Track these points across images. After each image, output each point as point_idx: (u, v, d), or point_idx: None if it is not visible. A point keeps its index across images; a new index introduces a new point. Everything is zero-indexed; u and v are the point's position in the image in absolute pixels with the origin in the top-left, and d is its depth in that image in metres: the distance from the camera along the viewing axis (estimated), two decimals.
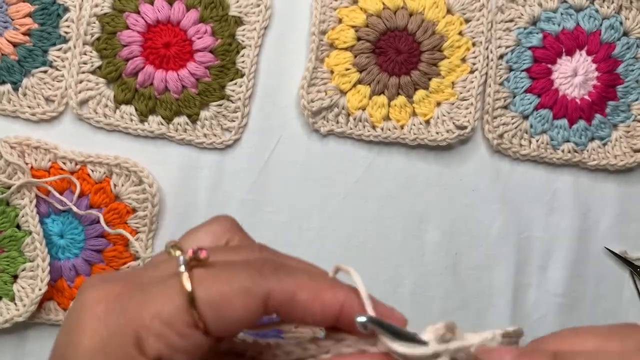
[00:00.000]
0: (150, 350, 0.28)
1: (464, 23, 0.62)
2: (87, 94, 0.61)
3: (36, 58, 0.61)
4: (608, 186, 0.63)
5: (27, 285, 0.59)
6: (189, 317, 0.29)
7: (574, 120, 0.62)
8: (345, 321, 0.30)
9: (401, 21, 0.62)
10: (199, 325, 0.29)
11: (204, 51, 0.61)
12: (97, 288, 0.30)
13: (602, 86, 0.62)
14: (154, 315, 0.28)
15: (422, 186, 0.62)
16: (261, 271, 0.30)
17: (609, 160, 0.62)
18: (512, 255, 0.62)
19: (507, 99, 0.62)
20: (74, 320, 0.29)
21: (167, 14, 0.61)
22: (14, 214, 0.59)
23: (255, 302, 0.29)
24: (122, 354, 0.28)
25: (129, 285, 0.30)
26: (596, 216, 0.63)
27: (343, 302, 0.30)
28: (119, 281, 0.30)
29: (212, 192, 0.61)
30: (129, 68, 0.61)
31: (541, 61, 0.62)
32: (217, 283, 0.29)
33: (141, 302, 0.29)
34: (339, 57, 0.62)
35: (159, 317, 0.28)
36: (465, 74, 0.62)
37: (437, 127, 0.61)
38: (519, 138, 0.62)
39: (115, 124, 0.61)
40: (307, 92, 0.61)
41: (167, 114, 0.61)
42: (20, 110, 0.61)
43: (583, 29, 0.62)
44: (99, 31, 0.61)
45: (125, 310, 0.29)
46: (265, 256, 0.32)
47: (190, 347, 0.29)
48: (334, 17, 0.62)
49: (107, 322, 0.29)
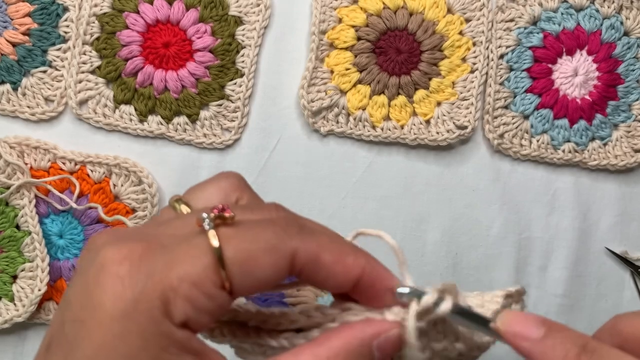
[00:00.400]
0: (178, 313, 0.27)
1: (464, 23, 0.62)
2: (86, 93, 0.61)
3: (35, 58, 0.61)
4: (608, 186, 0.63)
5: (27, 285, 0.59)
6: (217, 277, 0.28)
7: (574, 120, 0.62)
8: (364, 286, 0.30)
9: (401, 21, 0.62)
10: (225, 285, 0.28)
11: (204, 51, 0.61)
12: (117, 246, 0.28)
13: (603, 86, 0.62)
14: (181, 276, 0.27)
15: (422, 186, 0.62)
16: (286, 230, 0.29)
17: (610, 160, 0.62)
18: (512, 255, 0.62)
19: (508, 98, 0.62)
20: (92, 279, 0.28)
21: (167, 14, 0.61)
22: (13, 214, 0.59)
23: (283, 260, 0.28)
24: (148, 318, 0.27)
25: (151, 245, 0.28)
26: (596, 216, 0.63)
27: (364, 266, 0.30)
28: (139, 240, 0.29)
29: None
30: (129, 68, 0.60)
31: (542, 61, 0.62)
32: (245, 242, 0.28)
33: (167, 262, 0.28)
34: (339, 57, 0.61)
35: (188, 278, 0.27)
36: (466, 74, 0.62)
37: (438, 127, 0.61)
38: (520, 138, 0.62)
39: (115, 124, 0.61)
40: (307, 92, 0.61)
41: (166, 113, 0.61)
42: (20, 110, 0.61)
43: (583, 28, 0.62)
44: (98, 31, 0.61)
45: (151, 272, 0.27)
46: (286, 215, 0.31)
47: (215, 308, 0.28)
48: (334, 17, 0.62)
49: (132, 284, 0.27)
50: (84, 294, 0.28)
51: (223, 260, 0.28)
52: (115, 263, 0.28)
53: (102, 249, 0.28)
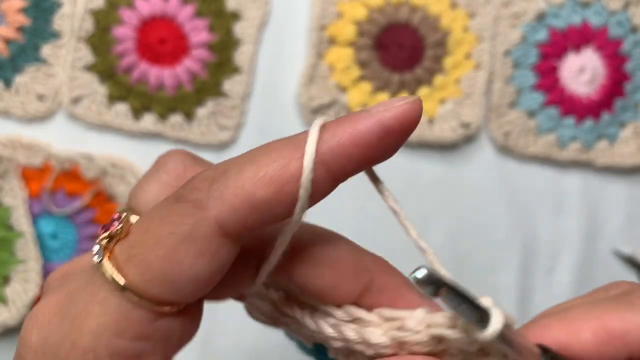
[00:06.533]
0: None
1: (468, 18, 0.62)
2: (80, 91, 0.60)
3: (28, 54, 0.60)
4: (616, 186, 0.62)
5: (20, 288, 0.59)
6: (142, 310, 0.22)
7: (581, 118, 0.61)
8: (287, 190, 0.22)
9: (404, 16, 0.61)
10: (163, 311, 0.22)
11: (201, 47, 0.61)
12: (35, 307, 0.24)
13: (610, 83, 0.62)
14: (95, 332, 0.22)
15: (426, 186, 0.62)
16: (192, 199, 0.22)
17: (617, 159, 0.62)
18: (518, 257, 0.61)
19: (513, 96, 0.61)
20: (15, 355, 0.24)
21: (163, 9, 0.61)
22: (6, 215, 0.59)
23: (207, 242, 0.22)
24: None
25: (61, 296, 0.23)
26: (604, 217, 0.62)
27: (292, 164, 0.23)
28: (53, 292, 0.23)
29: None
30: (123, 64, 0.60)
31: (547, 57, 0.62)
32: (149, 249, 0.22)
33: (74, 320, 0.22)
34: (340, 53, 0.61)
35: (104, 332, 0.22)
36: (470, 71, 0.61)
37: (441, 125, 0.61)
38: (525, 136, 0.61)
39: (109, 122, 0.60)
40: (307, 88, 0.60)
41: (162, 111, 0.60)
42: (12, 108, 0.60)
43: (590, 24, 0.62)
44: (92, 27, 0.60)
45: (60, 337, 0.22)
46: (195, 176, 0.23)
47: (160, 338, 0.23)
48: (334, 12, 0.61)
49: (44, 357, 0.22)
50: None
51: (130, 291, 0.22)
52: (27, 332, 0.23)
53: None
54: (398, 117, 0.22)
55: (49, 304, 0.23)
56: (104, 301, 0.22)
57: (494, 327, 0.22)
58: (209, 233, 0.22)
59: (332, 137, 0.22)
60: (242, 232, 0.22)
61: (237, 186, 0.22)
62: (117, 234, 0.23)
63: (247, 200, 0.22)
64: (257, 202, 0.22)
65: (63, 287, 0.24)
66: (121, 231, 0.23)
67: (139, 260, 0.22)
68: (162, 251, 0.22)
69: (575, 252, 0.62)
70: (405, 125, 0.23)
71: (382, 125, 0.22)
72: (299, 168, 0.22)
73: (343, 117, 0.23)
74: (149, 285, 0.22)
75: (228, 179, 0.22)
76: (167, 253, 0.22)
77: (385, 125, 0.22)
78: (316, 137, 0.22)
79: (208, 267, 0.22)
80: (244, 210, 0.22)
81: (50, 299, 0.23)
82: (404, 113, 0.22)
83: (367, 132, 0.22)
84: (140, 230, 0.23)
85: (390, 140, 0.23)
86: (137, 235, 0.23)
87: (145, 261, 0.22)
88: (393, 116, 0.22)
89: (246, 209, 0.22)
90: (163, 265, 0.22)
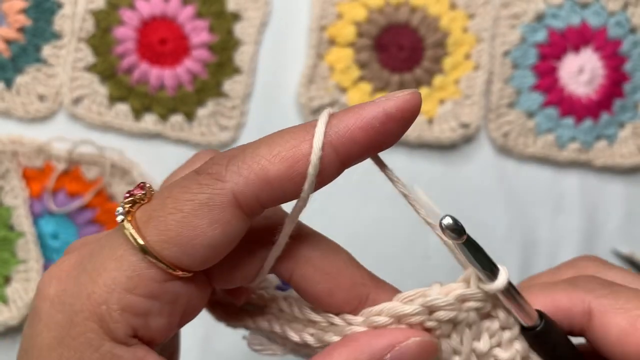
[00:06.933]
0: (120, 328, 0.24)
1: (468, 19, 0.62)
2: (81, 91, 0.60)
3: (29, 55, 0.60)
4: (615, 186, 0.62)
5: (21, 287, 0.59)
6: (155, 270, 0.24)
7: (580, 118, 0.61)
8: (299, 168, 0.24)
9: (403, 16, 0.61)
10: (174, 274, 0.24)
11: (201, 47, 0.61)
12: (54, 264, 0.25)
13: (609, 84, 0.61)
14: (110, 285, 0.24)
15: (425, 186, 0.62)
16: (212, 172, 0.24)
17: (616, 159, 0.62)
18: (518, 257, 0.61)
19: (512, 96, 0.61)
20: (32, 307, 0.25)
21: (163, 9, 0.61)
22: (7, 215, 0.59)
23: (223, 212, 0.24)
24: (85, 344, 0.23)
25: (80, 256, 0.25)
26: (603, 217, 0.62)
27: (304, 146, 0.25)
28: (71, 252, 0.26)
29: None
30: (124, 65, 0.60)
31: (547, 58, 0.62)
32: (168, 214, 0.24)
33: (93, 273, 0.24)
34: (340, 54, 0.61)
35: (118, 286, 0.24)
36: (469, 71, 0.61)
37: (441, 126, 0.61)
38: (524, 137, 0.61)
39: (110, 123, 0.60)
40: (307, 89, 0.60)
41: (162, 112, 0.60)
42: (13, 109, 0.60)
43: (589, 25, 0.62)
44: (93, 27, 0.60)
45: (78, 290, 0.24)
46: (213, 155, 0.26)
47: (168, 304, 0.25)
48: (334, 13, 0.61)
49: (62, 306, 0.24)
50: (29, 322, 0.25)
51: (149, 249, 0.24)
52: (45, 285, 0.25)
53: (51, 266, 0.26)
54: (399, 105, 0.24)
55: (69, 260, 0.25)
56: (120, 258, 0.24)
57: (503, 278, 0.25)
58: (224, 203, 0.24)
59: (340, 122, 0.24)
60: (255, 206, 0.24)
61: (253, 162, 0.24)
62: (140, 199, 0.25)
63: (262, 175, 0.24)
64: (270, 178, 0.24)
65: (84, 247, 0.26)
66: (145, 197, 0.25)
67: (158, 222, 0.24)
68: (180, 215, 0.23)
69: (574, 251, 0.61)
70: (406, 113, 0.25)
71: (385, 112, 0.24)
72: (309, 148, 0.24)
73: (350, 107, 0.25)
74: (165, 247, 0.24)
75: (245, 156, 0.24)
76: (185, 217, 0.23)
77: (387, 113, 0.24)
78: (325, 122, 0.24)
79: (220, 235, 0.24)
80: (258, 184, 0.24)
81: (70, 257, 0.25)
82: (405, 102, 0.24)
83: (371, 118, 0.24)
84: (161, 196, 0.25)
85: (392, 126, 0.25)
86: (159, 200, 0.24)
87: (164, 223, 0.24)
88: (394, 104, 0.24)
89: (260, 184, 0.24)
90: (180, 228, 0.23)
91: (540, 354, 0.27)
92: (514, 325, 0.27)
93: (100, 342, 0.24)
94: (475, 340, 0.26)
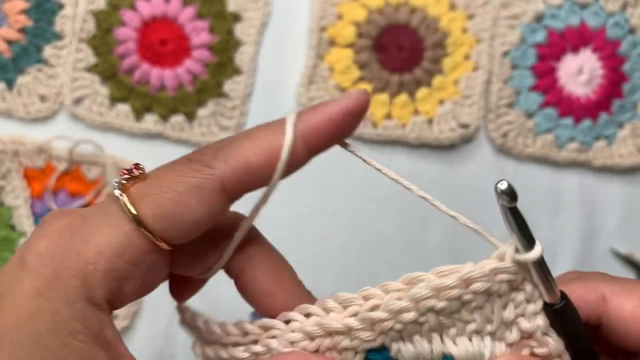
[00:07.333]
0: (100, 289, 0.26)
1: (467, 19, 0.62)
2: (82, 91, 0.60)
3: (30, 55, 0.60)
4: (614, 186, 0.62)
5: None
6: (143, 240, 0.27)
7: (579, 119, 0.61)
8: None
9: (403, 17, 0.61)
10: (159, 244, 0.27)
11: (201, 48, 0.61)
12: (44, 223, 0.28)
13: (608, 84, 0.61)
14: (100, 248, 0.26)
15: (425, 186, 0.61)
16: (202, 160, 0.28)
17: (615, 159, 0.62)
18: None
19: (511, 97, 0.61)
20: (18, 256, 0.27)
21: (164, 10, 0.61)
22: (8, 215, 0.59)
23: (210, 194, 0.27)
24: (62, 297, 0.25)
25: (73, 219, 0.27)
26: (602, 217, 0.62)
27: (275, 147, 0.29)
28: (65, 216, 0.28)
29: None
30: (125, 65, 0.60)
31: (546, 58, 0.62)
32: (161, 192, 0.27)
33: (85, 236, 0.26)
34: (340, 54, 0.61)
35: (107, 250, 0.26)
36: (469, 72, 0.61)
37: (440, 126, 0.61)
38: (524, 137, 0.61)
39: (111, 123, 0.60)
40: (307, 89, 0.60)
41: (163, 112, 0.60)
42: (14, 109, 0.60)
43: (588, 25, 0.62)
44: (94, 28, 0.61)
45: (69, 248, 0.26)
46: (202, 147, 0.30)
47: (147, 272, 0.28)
48: (334, 13, 0.61)
49: (51, 261, 0.26)
50: (10, 270, 0.27)
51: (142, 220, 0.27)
52: (36, 240, 0.27)
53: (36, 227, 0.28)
54: (356, 103, 0.29)
55: (60, 222, 0.27)
56: (115, 225, 0.27)
57: (539, 250, 0.28)
58: (212, 187, 0.27)
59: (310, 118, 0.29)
60: (237, 190, 0.28)
61: (237, 154, 0.28)
62: (137, 177, 0.28)
63: (245, 165, 0.28)
64: (252, 167, 0.28)
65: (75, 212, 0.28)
66: (141, 175, 0.28)
67: (153, 199, 0.27)
68: (174, 194, 0.27)
69: (573, 251, 0.61)
70: (361, 109, 0.29)
71: (346, 109, 0.29)
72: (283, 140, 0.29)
73: (316, 105, 0.30)
74: (157, 220, 0.27)
75: (230, 148, 0.28)
76: (178, 196, 0.27)
77: (347, 109, 0.29)
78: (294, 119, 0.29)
79: (206, 214, 0.28)
80: (242, 172, 0.28)
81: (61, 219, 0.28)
82: (359, 100, 0.29)
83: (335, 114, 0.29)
84: (157, 176, 0.28)
85: (350, 120, 0.29)
86: (154, 180, 0.28)
87: (158, 200, 0.27)
88: (352, 102, 0.29)
89: (243, 172, 0.28)
90: (172, 205, 0.27)
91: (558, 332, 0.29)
92: (538, 300, 0.29)
93: (77, 299, 0.26)
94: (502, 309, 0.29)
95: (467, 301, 0.29)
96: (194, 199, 0.27)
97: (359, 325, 0.29)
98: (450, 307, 0.28)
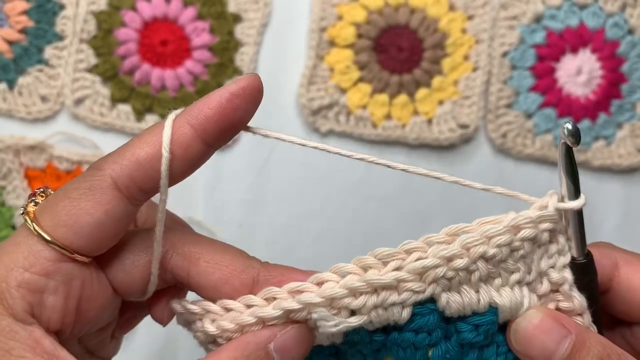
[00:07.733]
0: (17, 305, 0.27)
1: (466, 20, 0.62)
2: (82, 92, 0.60)
3: (32, 56, 0.60)
4: (613, 186, 0.62)
5: None
6: (50, 251, 0.28)
7: (578, 119, 0.61)
8: None
9: (403, 18, 0.61)
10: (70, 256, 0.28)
11: (202, 49, 0.61)
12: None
13: (607, 84, 0.62)
14: (8, 265, 0.28)
15: (424, 186, 0.62)
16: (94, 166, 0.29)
17: (614, 160, 0.62)
18: None
19: (511, 97, 0.61)
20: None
21: (164, 11, 0.61)
22: (10, 215, 0.59)
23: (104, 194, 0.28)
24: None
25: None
26: (600, 217, 0.62)
27: None
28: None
29: (210, 192, 0.61)
30: (126, 66, 0.60)
31: (545, 59, 0.62)
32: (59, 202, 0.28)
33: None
34: (340, 55, 0.61)
35: (15, 265, 0.28)
36: (468, 72, 0.61)
37: (440, 126, 0.61)
38: (523, 137, 0.61)
39: (112, 123, 0.60)
40: (307, 90, 0.60)
41: (164, 112, 0.60)
42: (16, 109, 0.60)
43: (587, 26, 0.62)
44: (95, 28, 0.61)
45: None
46: None
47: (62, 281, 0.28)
48: (334, 14, 0.61)
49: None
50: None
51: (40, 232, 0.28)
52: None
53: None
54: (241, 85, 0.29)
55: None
56: (19, 243, 0.28)
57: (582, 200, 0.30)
58: (104, 187, 0.28)
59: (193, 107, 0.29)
60: (131, 186, 0.28)
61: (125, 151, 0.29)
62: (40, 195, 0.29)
63: (133, 158, 0.28)
64: (141, 159, 0.28)
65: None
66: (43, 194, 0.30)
67: (51, 210, 0.28)
68: (68, 201, 0.28)
69: None
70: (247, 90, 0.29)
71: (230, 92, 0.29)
72: None
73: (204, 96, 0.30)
74: (56, 228, 0.28)
75: (121, 149, 0.29)
76: (71, 202, 0.28)
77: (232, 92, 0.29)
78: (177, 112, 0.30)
79: (103, 215, 0.28)
80: (131, 166, 0.28)
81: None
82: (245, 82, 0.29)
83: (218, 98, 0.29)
84: (57, 191, 0.29)
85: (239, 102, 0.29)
86: (54, 194, 0.29)
87: (55, 209, 0.28)
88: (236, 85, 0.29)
89: (132, 166, 0.28)
90: (68, 211, 0.28)
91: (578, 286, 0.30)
92: (567, 253, 0.30)
93: (0, 317, 0.27)
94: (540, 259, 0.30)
95: (516, 248, 0.29)
96: (89, 203, 0.28)
97: (409, 276, 0.29)
98: (499, 254, 0.29)
